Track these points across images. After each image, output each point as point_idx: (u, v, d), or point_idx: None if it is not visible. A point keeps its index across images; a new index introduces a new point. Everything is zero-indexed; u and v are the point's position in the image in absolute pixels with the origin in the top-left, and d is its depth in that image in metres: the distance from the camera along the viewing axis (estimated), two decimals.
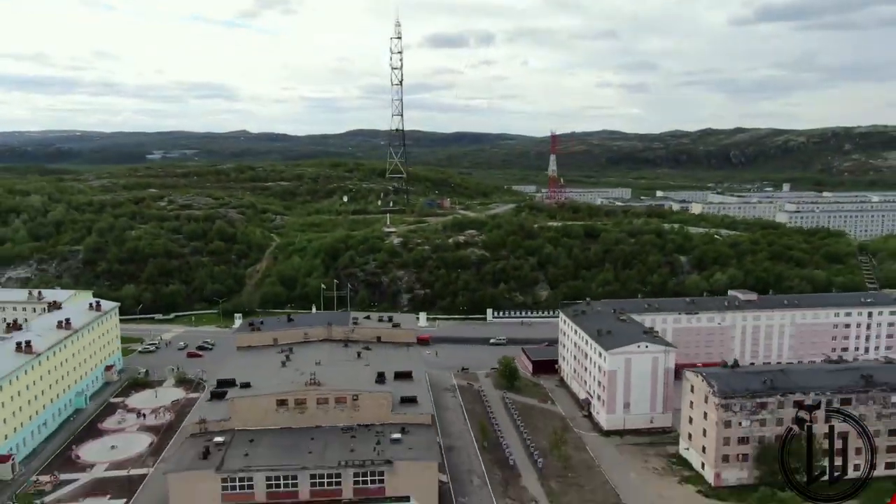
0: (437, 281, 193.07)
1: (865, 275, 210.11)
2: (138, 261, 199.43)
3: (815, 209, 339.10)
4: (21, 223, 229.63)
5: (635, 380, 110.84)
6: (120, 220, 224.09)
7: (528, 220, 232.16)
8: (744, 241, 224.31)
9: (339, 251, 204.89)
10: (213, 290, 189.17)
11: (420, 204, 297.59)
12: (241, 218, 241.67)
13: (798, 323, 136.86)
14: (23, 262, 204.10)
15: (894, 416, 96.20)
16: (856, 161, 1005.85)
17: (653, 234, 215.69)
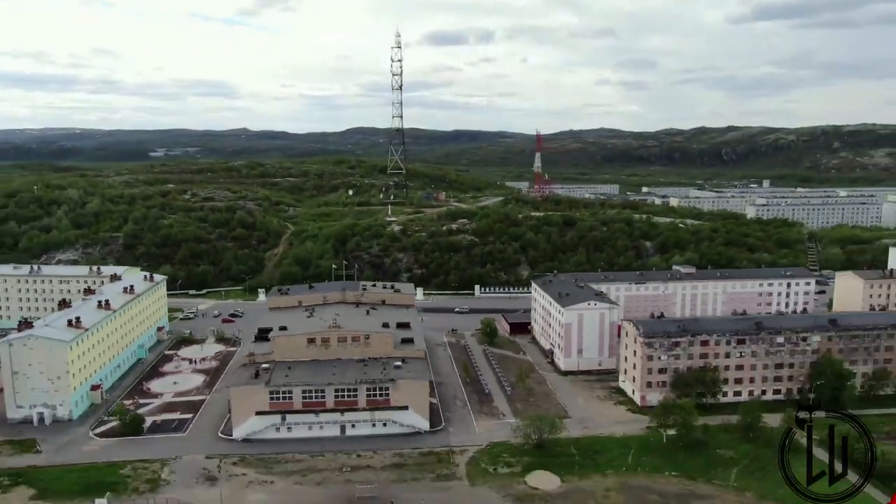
0: (432, 262, 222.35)
1: (809, 258, 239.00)
2: (171, 245, 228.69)
3: (782, 203, 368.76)
4: (63, 213, 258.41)
5: (586, 331, 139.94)
6: (152, 211, 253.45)
7: (514, 211, 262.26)
8: (704, 229, 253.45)
9: (347, 237, 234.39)
10: (238, 269, 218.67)
11: (418, 197, 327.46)
12: (258, 209, 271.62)
13: (729, 291, 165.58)
14: (69, 247, 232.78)
15: (779, 353, 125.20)
16: (843, 159, 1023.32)
17: (622, 223, 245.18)
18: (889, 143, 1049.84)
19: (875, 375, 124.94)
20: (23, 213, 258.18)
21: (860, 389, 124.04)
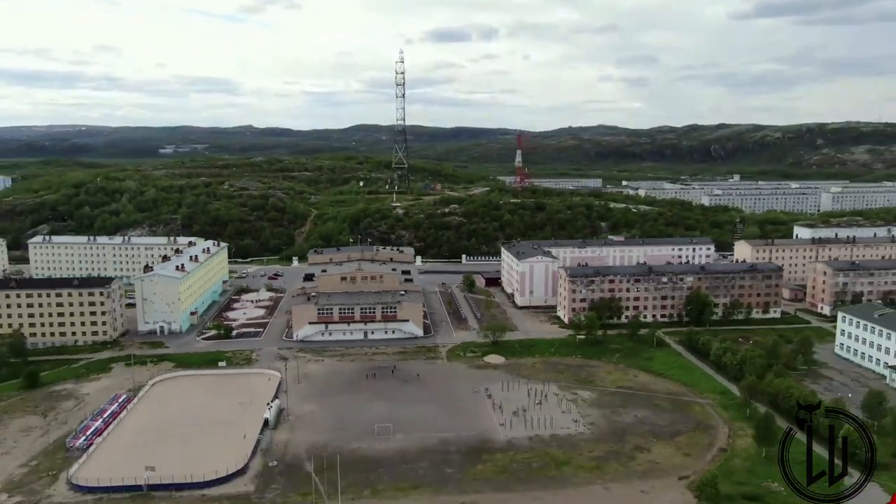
0: (428, 237, 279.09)
1: (734, 235, 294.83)
2: (220, 224, 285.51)
3: (733, 193, 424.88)
4: (126, 200, 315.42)
5: (536, 277, 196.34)
6: (200, 198, 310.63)
7: (496, 198, 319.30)
8: (652, 212, 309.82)
9: (360, 218, 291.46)
10: (275, 243, 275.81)
11: (418, 187, 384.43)
12: (286, 196, 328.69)
13: (648, 254, 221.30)
14: (137, 226, 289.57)
15: (664, 289, 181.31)
16: (825, 155, 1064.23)
17: (583, 208, 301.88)
18: (870, 141, 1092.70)
19: (731, 304, 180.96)
20: (93, 200, 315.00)
21: (720, 315, 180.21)
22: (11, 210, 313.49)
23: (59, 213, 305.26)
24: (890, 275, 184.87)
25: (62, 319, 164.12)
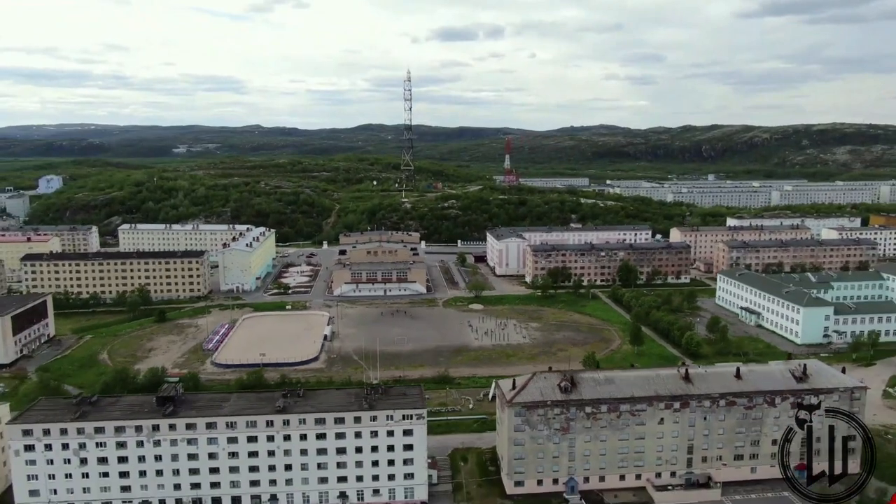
0: (430, 226, 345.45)
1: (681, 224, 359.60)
2: (262, 216, 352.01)
3: (694, 191, 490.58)
4: (182, 196, 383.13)
5: (510, 253, 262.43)
6: (244, 195, 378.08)
7: (486, 194, 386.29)
8: (616, 207, 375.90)
9: (375, 210, 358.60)
10: (307, 231, 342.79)
11: (422, 186, 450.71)
12: (313, 193, 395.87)
13: (599, 237, 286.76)
14: (194, 218, 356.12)
15: (602, 260, 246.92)
16: (808, 156, 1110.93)
17: (558, 202, 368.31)
18: (852, 142, 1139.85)
19: (652, 272, 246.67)
20: (153, 196, 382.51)
21: (644, 280, 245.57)
22: (87, 205, 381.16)
23: (128, 207, 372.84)
24: (770, 251, 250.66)
25: (169, 280, 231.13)
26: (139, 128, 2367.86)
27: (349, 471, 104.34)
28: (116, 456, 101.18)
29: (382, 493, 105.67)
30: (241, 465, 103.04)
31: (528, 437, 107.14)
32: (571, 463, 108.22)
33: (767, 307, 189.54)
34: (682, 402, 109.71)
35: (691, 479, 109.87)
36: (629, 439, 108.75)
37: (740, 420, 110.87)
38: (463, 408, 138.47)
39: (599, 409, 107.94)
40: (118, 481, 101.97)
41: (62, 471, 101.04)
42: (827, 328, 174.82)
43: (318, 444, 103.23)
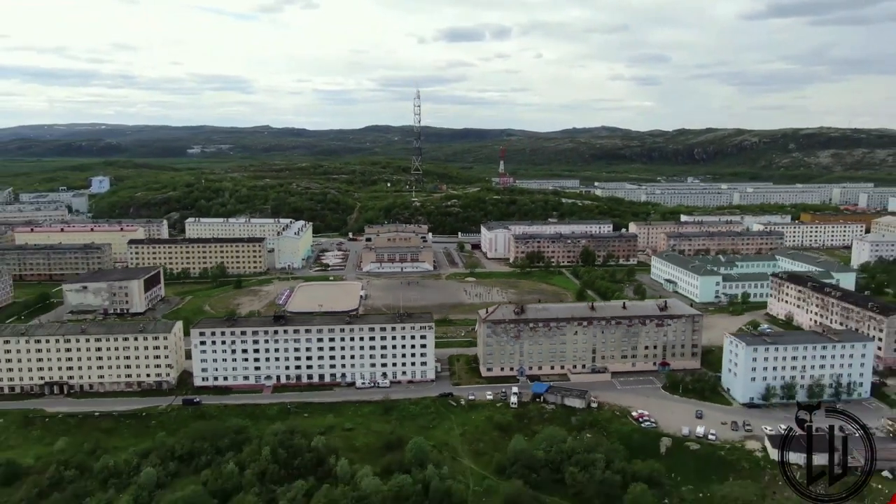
0: (436, 221, 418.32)
1: (646, 219, 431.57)
2: (297, 212, 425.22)
3: (665, 192, 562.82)
4: (228, 196, 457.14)
5: (499, 241, 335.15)
6: (280, 194, 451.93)
7: (483, 195, 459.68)
8: (591, 206, 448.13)
9: (390, 208, 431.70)
10: (335, 224, 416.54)
11: (429, 188, 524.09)
12: (338, 193, 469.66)
13: (569, 229, 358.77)
14: (241, 214, 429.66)
15: (569, 245, 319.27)
16: (793, 159, 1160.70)
17: (542, 202, 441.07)
18: (836, 146, 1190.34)
19: (607, 255, 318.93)
20: (203, 196, 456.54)
21: (601, 261, 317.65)
22: (148, 202, 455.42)
23: (183, 204, 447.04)
24: (700, 240, 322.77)
25: (237, 259, 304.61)
26: (150, 127, 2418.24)
27: (388, 359, 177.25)
28: (252, 348, 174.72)
29: (407, 374, 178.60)
30: (324, 355, 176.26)
31: (495, 342, 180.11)
32: (521, 358, 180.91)
33: (680, 277, 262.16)
34: (588, 321, 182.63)
35: (594, 368, 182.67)
36: (556, 344, 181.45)
37: (624, 333, 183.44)
38: (457, 335, 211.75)
39: (538, 325, 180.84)
40: (252, 364, 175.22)
41: (220, 357, 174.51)
42: (717, 291, 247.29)
43: (370, 342, 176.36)
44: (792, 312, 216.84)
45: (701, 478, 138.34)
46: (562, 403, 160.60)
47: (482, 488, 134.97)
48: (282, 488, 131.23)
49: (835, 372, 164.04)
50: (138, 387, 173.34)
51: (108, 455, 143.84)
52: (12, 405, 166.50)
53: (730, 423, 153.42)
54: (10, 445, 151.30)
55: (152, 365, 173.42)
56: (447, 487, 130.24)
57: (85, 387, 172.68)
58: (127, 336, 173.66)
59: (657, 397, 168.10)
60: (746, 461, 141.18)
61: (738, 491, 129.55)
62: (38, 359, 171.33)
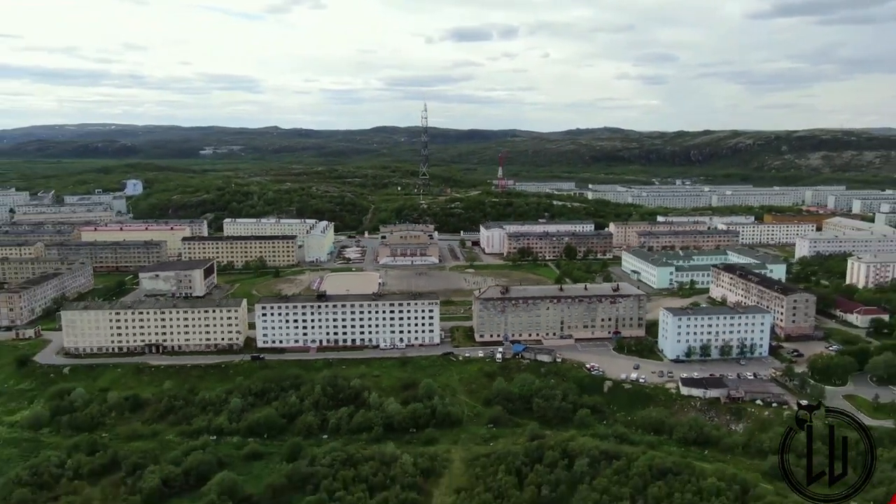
0: (441, 220, 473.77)
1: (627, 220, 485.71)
2: (319, 213, 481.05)
3: (651, 193, 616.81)
4: (257, 198, 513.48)
5: (495, 238, 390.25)
6: (303, 196, 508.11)
7: (483, 197, 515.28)
8: (579, 207, 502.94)
9: (401, 209, 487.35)
10: (352, 224, 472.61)
11: (435, 191, 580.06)
12: (354, 196, 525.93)
13: (556, 229, 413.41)
14: (269, 215, 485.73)
15: (555, 241, 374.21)
16: (785, 160, 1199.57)
17: (536, 204, 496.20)
18: (826, 148, 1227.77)
19: (586, 251, 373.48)
20: (235, 198, 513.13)
21: (582, 256, 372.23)
22: (185, 204, 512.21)
23: (218, 206, 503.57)
24: (666, 237, 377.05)
25: (273, 253, 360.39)
26: (160, 128, 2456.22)
27: (404, 327, 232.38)
28: (301, 319, 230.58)
29: (419, 339, 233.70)
30: (355, 324, 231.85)
31: (486, 315, 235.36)
32: (505, 327, 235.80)
33: (643, 268, 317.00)
34: (557, 299, 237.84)
35: (562, 335, 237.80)
36: (532, 316, 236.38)
37: (585, 309, 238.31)
38: (457, 313, 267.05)
39: (518, 302, 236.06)
40: (301, 330, 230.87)
41: (278, 325, 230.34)
42: (671, 279, 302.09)
43: (390, 315, 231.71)
44: (726, 295, 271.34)
45: (630, 407, 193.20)
46: (534, 359, 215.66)
47: (473, 413, 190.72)
48: (331, 412, 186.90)
49: (740, 336, 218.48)
50: (215, 348, 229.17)
51: (203, 392, 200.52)
52: (124, 360, 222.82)
53: (658, 372, 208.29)
54: (129, 387, 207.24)
55: (226, 331, 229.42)
56: (448, 411, 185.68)
57: (175, 347, 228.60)
58: (207, 309, 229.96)
59: (607, 355, 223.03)
60: (663, 396, 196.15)
61: (653, 414, 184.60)
62: (140, 326, 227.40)
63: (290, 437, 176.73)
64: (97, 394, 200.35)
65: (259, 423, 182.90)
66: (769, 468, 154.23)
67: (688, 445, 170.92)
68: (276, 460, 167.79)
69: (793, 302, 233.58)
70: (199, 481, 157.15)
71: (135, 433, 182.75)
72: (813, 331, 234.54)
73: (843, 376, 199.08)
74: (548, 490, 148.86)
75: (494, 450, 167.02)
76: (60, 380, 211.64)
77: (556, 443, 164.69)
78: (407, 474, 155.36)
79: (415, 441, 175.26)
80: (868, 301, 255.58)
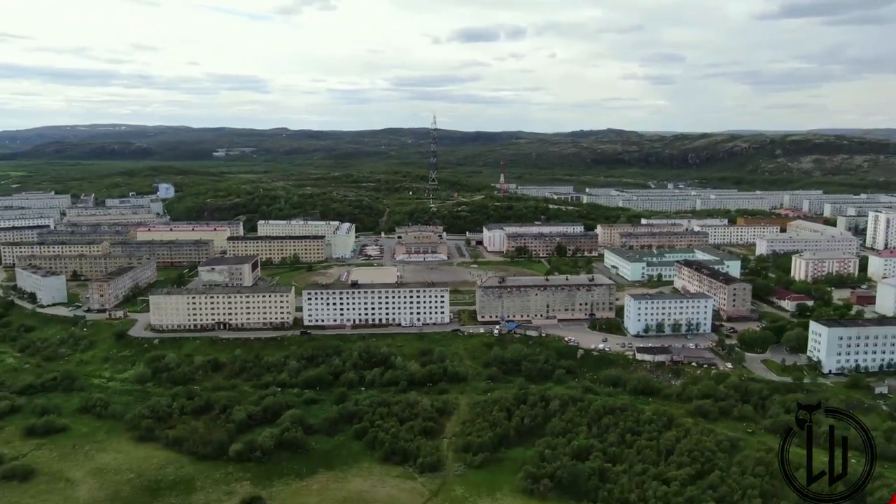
0: (449, 222, 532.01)
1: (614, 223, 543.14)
2: (340, 215, 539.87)
3: (640, 197, 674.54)
4: (283, 202, 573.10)
5: (496, 238, 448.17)
6: (325, 200, 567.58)
7: (486, 201, 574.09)
8: (572, 210, 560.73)
9: (413, 212, 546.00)
10: (369, 225, 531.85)
11: (443, 196, 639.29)
12: (370, 200, 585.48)
13: (550, 230, 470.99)
14: (295, 217, 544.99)
15: (548, 240, 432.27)
16: (778, 164, 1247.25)
17: (534, 207, 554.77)
18: (818, 151, 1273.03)
19: (575, 249, 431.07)
20: (263, 202, 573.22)
21: (571, 253, 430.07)
22: (219, 207, 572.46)
23: (248, 209, 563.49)
24: (645, 238, 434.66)
25: (305, 251, 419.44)
26: (171, 128, 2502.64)
27: (421, 309, 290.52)
28: (339, 302, 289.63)
29: (432, 319, 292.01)
30: (382, 305, 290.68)
31: (486, 299, 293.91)
32: (502, 309, 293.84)
33: (620, 264, 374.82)
34: (544, 287, 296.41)
35: (547, 316, 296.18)
36: (523, 301, 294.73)
37: (566, 295, 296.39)
38: (463, 300, 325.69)
39: (512, 289, 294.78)
40: (339, 311, 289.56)
41: (321, 307, 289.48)
42: (643, 273, 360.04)
43: (409, 299, 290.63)
44: (685, 285, 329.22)
45: (597, 369, 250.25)
46: (524, 334, 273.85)
47: (475, 373, 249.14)
48: (366, 371, 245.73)
49: (688, 317, 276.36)
50: (270, 325, 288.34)
51: (266, 356, 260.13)
52: (199, 334, 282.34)
53: (621, 343, 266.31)
54: (207, 353, 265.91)
55: (279, 311, 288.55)
56: (456, 371, 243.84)
57: (238, 324, 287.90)
58: (264, 294, 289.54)
59: (583, 332, 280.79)
60: (623, 360, 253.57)
61: (613, 372, 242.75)
62: (211, 307, 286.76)
63: (336, 389, 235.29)
64: (184, 358, 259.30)
65: (312, 378, 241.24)
66: (694, 409, 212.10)
67: (637, 395, 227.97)
68: (328, 404, 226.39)
69: (733, 290, 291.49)
70: (274, 416, 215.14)
71: (218, 386, 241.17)
72: (749, 313, 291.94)
73: (763, 346, 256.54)
74: (528, 420, 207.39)
75: (491, 397, 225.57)
76: (153, 349, 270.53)
77: (536, 391, 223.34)
78: (426, 411, 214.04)
79: (431, 392, 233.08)
80: (799, 290, 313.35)
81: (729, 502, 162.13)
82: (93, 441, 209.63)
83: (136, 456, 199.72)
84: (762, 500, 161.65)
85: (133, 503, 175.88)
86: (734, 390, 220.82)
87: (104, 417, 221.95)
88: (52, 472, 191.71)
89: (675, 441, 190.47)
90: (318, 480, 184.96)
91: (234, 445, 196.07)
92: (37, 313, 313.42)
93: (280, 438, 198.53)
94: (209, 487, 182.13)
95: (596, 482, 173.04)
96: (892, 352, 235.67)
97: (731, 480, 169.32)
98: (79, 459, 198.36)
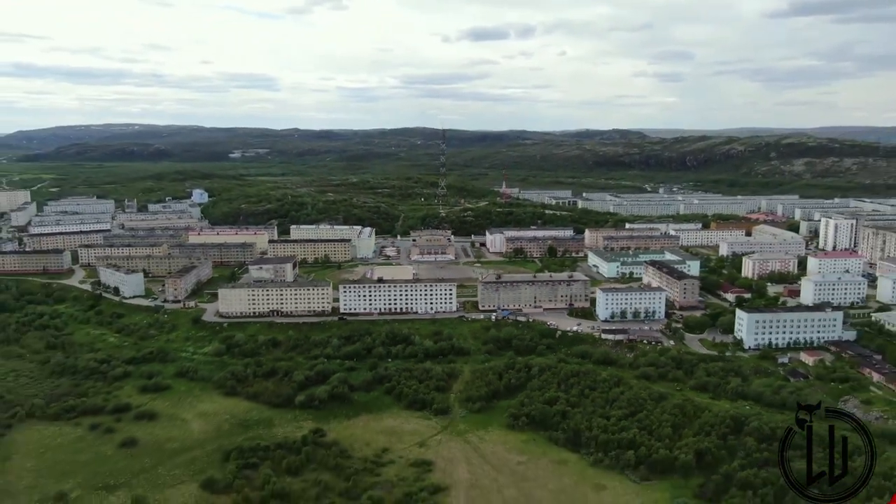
0: (456, 226, 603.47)
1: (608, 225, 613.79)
2: (360, 220, 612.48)
3: (629, 202, 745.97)
4: (310, 208, 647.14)
5: (497, 241, 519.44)
6: (347, 207, 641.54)
7: (489, 207, 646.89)
8: (565, 215, 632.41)
9: (425, 217, 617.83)
10: (386, 229, 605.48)
11: (451, 202, 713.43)
12: (386, 206, 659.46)
13: (545, 233, 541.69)
14: (321, 221, 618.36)
15: (540, 242, 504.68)
16: (771, 166, 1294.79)
17: (532, 212, 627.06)
18: (811, 154, 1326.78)
19: (564, 250, 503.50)
20: (292, 207, 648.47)
21: (562, 254, 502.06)
22: (254, 212, 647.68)
23: (279, 214, 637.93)
24: (624, 240, 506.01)
25: (334, 252, 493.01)
26: (184, 128, 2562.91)
27: (434, 298, 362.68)
28: (369, 293, 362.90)
29: (443, 307, 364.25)
30: (402, 297, 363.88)
31: (487, 291, 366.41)
32: (499, 300, 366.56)
33: (599, 263, 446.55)
34: (532, 282, 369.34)
35: (535, 306, 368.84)
36: (516, 293, 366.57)
37: (550, 289, 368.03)
38: (467, 293, 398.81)
39: (507, 284, 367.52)
40: (369, 300, 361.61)
41: (354, 298, 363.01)
42: (618, 271, 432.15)
43: (424, 291, 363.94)
44: (651, 281, 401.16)
45: (571, 345, 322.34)
46: (516, 319, 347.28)
47: (476, 348, 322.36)
48: (392, 347, 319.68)
49: (646, 306, 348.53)
50: (313, 312, 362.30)
51: (314, 336, 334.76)
52: (258, 320, 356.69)
53: (592, 327, 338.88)
54: (267, 334, 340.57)
55: (320, 301, 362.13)
56: (461, 346, 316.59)
57: (289, 312, 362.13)
58: (309, 287, 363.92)
59: (562, 318, 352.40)
60: (591, 339, 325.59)
61: (583, 347, 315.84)
62: (266, 297, 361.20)
63: (369, 360, 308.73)
64: (249, 337, 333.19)
65: (350, 352, 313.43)
66: (640, 374, 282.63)
67: (599, 364, 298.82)
68: (364, 371, 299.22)
69: (683, 284, 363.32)
70: (324, 378, 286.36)
71: (278, 357, 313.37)
72: (697, 303, 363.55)
73: (702, 328, 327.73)
74: (514, 381, 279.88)
75: (487, 365, 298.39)
76: (223, 330, 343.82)
77: (522, 361, 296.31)
78: (438, 375, 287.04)
79: (442, 362, 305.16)
80: (741, 285, 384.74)
81: (648, 430, 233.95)
82: (192, 396, 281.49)
83: (227, 405, 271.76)
84: (672, 429, 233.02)
85: (233, 434, 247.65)
86: (672, 360, 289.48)
87: (195, 380, 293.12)
88: (169, 414, 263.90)
89: (620, 394, 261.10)
90: (362, 420, 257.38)
91: (298, 397, 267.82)
92: (123, 303, 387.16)
93: (331, 392, 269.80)
94: (284, 424, 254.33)
95: (559, 419, 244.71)
96: (798, 332, 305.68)
97: (654, 417, 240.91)
98: (185, 407, 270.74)
